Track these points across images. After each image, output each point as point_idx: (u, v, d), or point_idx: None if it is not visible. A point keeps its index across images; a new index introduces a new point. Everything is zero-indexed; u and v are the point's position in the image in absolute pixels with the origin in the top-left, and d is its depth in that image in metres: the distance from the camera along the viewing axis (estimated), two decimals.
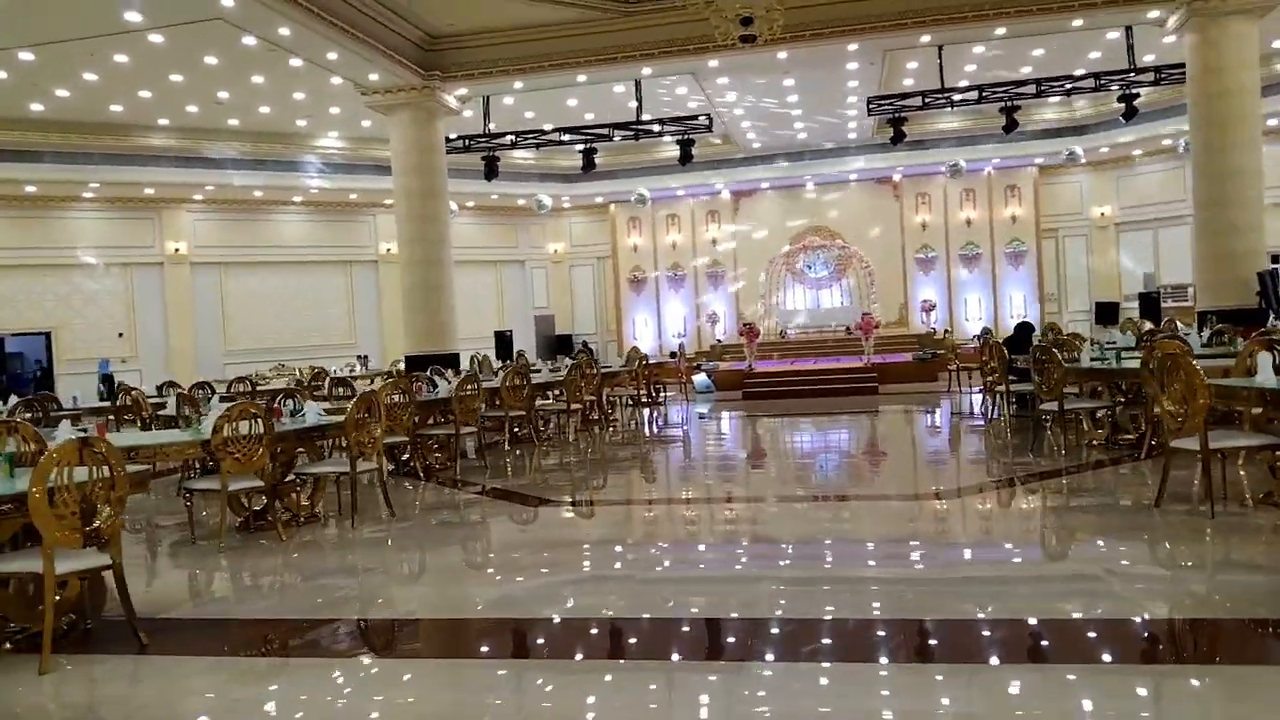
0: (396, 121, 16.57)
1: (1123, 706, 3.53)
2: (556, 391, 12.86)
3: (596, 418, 13.30)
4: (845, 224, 24.35)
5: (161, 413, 10.34)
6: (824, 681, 3.89)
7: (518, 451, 11.49)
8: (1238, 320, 13.27)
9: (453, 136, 17.95)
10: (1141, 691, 3.69)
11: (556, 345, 25.55)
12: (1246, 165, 13.88)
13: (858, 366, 17.43)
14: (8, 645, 4.77)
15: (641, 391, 14.18)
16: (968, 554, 6.00)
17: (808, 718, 3.54)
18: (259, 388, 14.95)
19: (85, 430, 6.99)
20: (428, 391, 10.35)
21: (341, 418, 7.73)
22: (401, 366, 20.33)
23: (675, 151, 23.32)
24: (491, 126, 18.76)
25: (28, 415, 9.91)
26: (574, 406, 12.22)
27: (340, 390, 11.98)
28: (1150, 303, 20.58)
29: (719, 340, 24.28)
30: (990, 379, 11.98)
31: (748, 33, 12.98)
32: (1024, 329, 12.80)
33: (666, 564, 6.14)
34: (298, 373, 19.09)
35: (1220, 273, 14.17)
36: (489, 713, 3.76)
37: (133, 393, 11.11)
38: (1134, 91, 15.69)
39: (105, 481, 4.66)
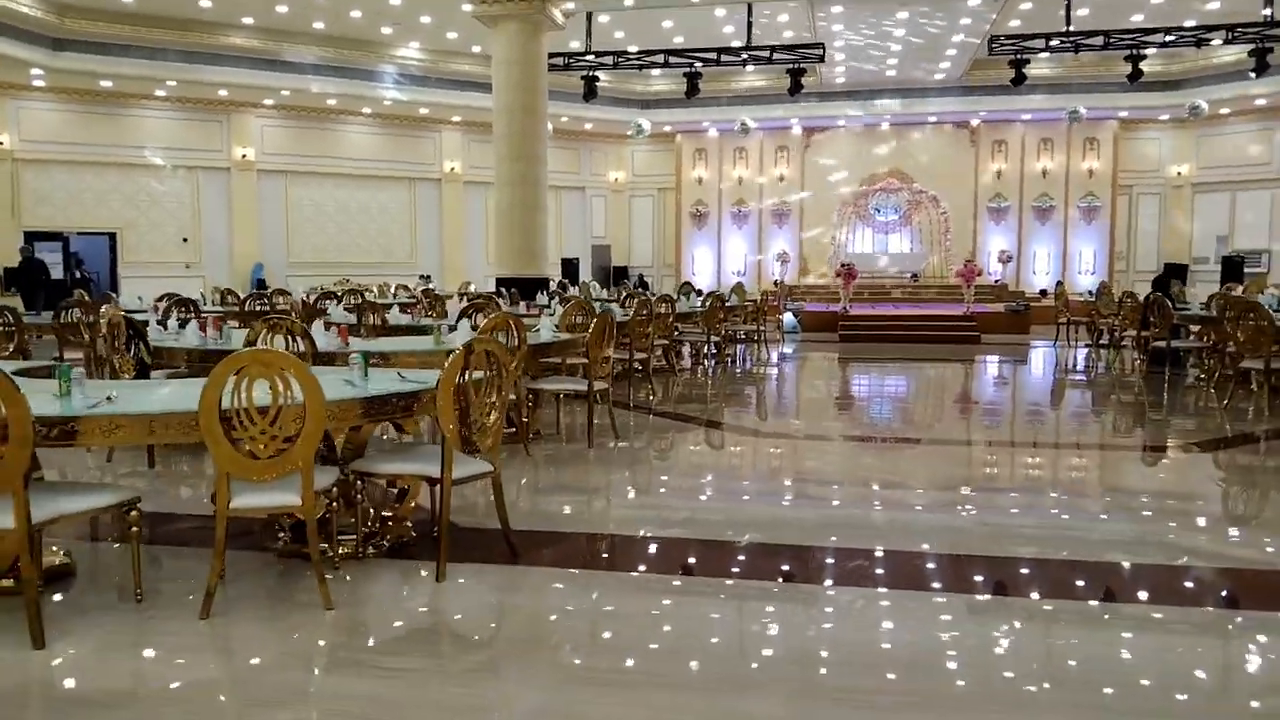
0: (501, 33, 15.99)
1: None
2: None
3: (714, 351, 13.14)
4: (918, 168, 23.98)
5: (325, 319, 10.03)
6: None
7: (663, 379, 11.30)
8: None
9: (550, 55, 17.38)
10: None
11: (614, 277, 25.20)
12: None
13: (958, 315, 17.23)
14: (370, 550, 4.57)
15: (759, 327, 13.98)
16: None
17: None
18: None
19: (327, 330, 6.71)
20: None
21: (569, 336, 7.53)
22: (473, 288, 20.05)
23: (750, 83, 23.13)
24: (575, 45, 18.26)
25: (184, 317, 9.59)
26: (714, 338, 12.06)
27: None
28: (1233, 266, 20.44)
29: (781, 280, 23.91)
30: (1137, 333, 11.81)
31: None
32: (1162, 284, 12.64)
33: (923, 499, 6.00)
34: (377, 291, 18.67)
35: None
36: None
37: (282, 299, 10.76)
38: (1268, 45, 15.34)
39: (493, 383, 4.43)
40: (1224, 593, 4.30)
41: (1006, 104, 22.10)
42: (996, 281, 22.75)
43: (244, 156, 21.23)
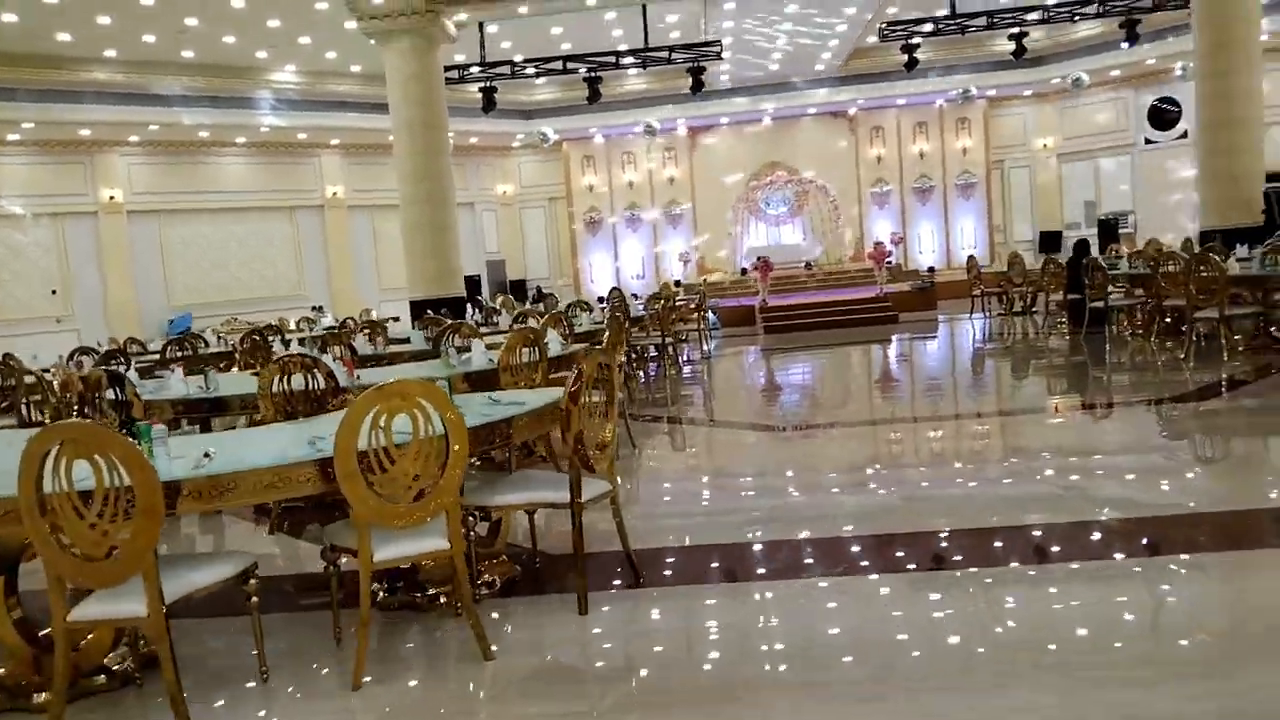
0: (394, 50, 15.41)
1: None
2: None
3: (657, 353, 13.02)
4: (803, 159, 24.42)
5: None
6: None
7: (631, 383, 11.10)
8: (1242, 238, 14.04)
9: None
10: None
11: (511, 291, 24.74)
12: (1249, 87, 14.61)
13: (872, 297, 17.59)
14: (484, 591, 4.22)
15: (699, 326, 13.93)
16: None
17: None
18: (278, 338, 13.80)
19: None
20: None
21: (579, 346, 7.26)
22: (374, 314, 19.33)
23: (633, 86, 23.14)
24: (459, 58, 17.87)
25: (121, 366, 8.82)
26: (667, 340, 11.93)
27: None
28: (1109, 228, 21.61)
29: (680, 280, 23.94)
30: (1064, 296, 12.32)
31: None
32: (1082, 248, 13.20)
33: (1005, 477, 6.04)
34: (278, 325, 17.71)
35: (1223, 192, 14.85)
36: None
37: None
38: (1136, 17, 16.26)
39: (604, 405, 4.16)
40: None
41: (881, 91, 22.81)
42: (890, 263, 23.40)
43: (111, 198, 19.84)
